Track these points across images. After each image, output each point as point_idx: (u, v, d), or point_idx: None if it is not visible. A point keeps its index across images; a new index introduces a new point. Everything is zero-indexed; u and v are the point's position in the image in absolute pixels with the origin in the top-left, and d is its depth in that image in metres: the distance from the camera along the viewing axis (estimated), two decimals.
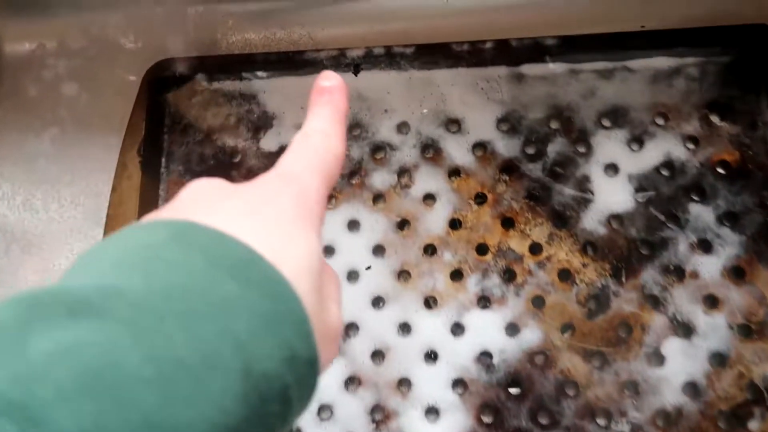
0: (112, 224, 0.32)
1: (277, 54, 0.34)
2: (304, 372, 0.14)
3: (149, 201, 0.34)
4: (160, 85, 0.35)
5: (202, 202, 0.16)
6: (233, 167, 0.34)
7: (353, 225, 0.33)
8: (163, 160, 0.35)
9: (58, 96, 0.36)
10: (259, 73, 0.34)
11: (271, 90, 0.34)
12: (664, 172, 0.32)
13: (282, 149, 0.34)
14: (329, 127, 0.19)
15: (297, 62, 0.34)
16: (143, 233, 0.15)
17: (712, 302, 0.30)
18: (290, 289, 0.14)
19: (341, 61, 0.33)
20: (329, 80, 0.20)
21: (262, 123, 0.34)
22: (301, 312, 0.14)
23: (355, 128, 0.34)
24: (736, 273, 0.30)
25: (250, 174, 0.34)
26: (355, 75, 0.34)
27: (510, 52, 0.33)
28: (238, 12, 0.34)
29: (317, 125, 0.19)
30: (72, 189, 0.35)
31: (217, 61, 0.34)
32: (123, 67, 0.35)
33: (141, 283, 0.13)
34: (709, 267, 0.31)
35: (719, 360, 0.30)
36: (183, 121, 0.35)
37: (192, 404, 0.12)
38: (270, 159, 0.34)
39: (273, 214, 0.16)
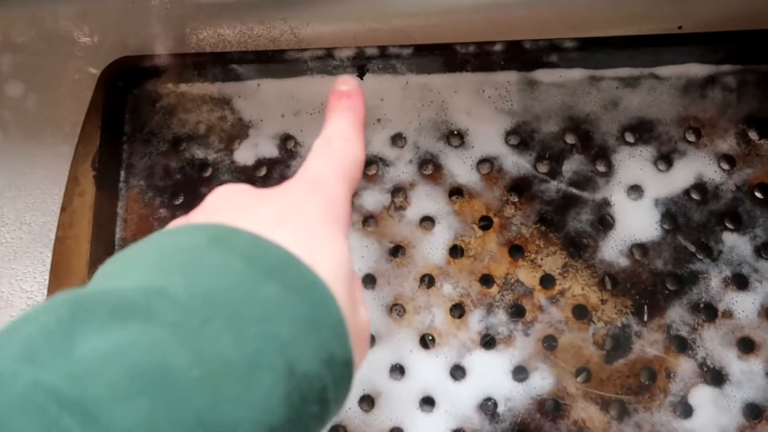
0: (61, 248, 0.30)
1: (254, 53, 0.32)
2: (341, 373, 0.16)
3: (105, 221, 0.31)
4: (118, 86, 0.32)
5: (233, 206, 0.18)
6: (203, 183, 0.32)
7: None
8: (122, 173, 0.32)
9: (1, 97, 0.33)
10: (234, 75, 0.31)
11: (247, 94, 0.32)
12: (695, 196, 0.30)
13: (260, 163, 0.32)
14: (351, 132, 0.20)
15: (277, 63, 0.31)
16: (180, 237, 0.16)
17: (747, 346, 0.29)
18: (328, 292, 0.16)
19: (329, 63, 0.31)
20: (348, 84, 0.21)
21: (236, 132, 0.32)
22: (338, 314, 0.16)
23: None
24: None
25: None
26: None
27: (522, 56, 0.31)
28: (209, 3, 0.32)
29: (339, 131, 0.20)
30: (17, 205, 0.33)
31: (185, 60, 0.32)
32: (76, 66, 0.32)
33: (183, 286, 0.14)
34: (745, 305, 0.29)
35: (755, 412, 0.28)
36: (145, 129, 0.32)
37: (240, 404, 0.13)
38: (245, 174, 0.32)
39: (304, 220, 0.17)
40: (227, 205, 0.18)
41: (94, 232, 0.31)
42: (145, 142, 0.32)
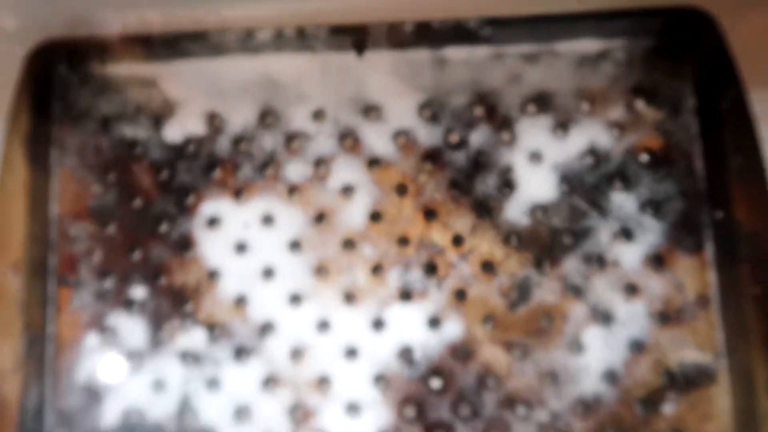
0: None
1: (176, 35, 0.37)
2: None
3: (40, 199, 0.36)
4: (44, 69, 0.37)
5: None
6: (134, 160, 0.37)
7: (267, 220, 0.37)
8: (54, 152, 0.37)
9: None
10: (158, 56, 0.37)
11: (172, 75, 0.37)
12: (589, 161, 0.37)
13: (188, 141, 0.38)
14: None
15: (201, 43, 0.37)
16: None
17: (631, 290, 0.36)
18: None
19: (248, 44, 0.36)
20: None
21: (163, 111, 0.38)
22: None
23: (267, 116, 0.38)
24: (656, 261, 0.36)
25: (152, 167, 0.37)
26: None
27: (432, 35, 0.37)
28: None
29: None
30: None
31: (109, 42, 0.37)
32: (2, 49, 0.37)
33: None
34: (630, 256, 0.36)
35: (637, 347, 0.35)
36: (74, 109, 0.38)
37: None
38: (174, 151, 0.37)
39: None
40: None
41: (29, 210, 0.36)
42: (74, 122, 0.38)
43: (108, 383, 0.36)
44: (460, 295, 0.37)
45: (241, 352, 0.36)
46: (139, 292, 0.37)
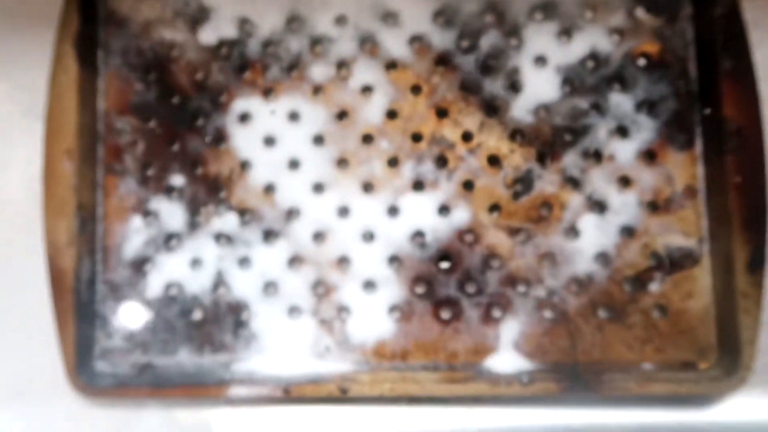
0: (51, 117, 0.39)
1: None
2: None
3: (88, 95, 0.41)
4: None
5: None
6: (172, 61, 0.41)
7: (294, 116, 0.41)
8: (100, 53, 0.41)
9: None
10: None
11: None
12: (590, 64, 0.41)
13: (221, 43, 0.42)
14: None
15: None
16: None
17: (625, 182, 0.40)
18: None
19: None
20: None
21: (199, 16, 0.41)
22: None
23: (293, 21, 0.41)
24: (649, 156, 0.40)
25: (189, 67, 0.41)
26: None
27: None
28: None
29: None
30: (6, 85, 0.42)
31: None
32: None
33: None
34: (625, 151, 0.40)
35: (628, 233, 0.39)
36: (118, 14, 0.41)
37: None
38: (209, 52, 0.41)
39: None
40: None
41: (80, 105, 0.40)
42: (118, 26, 0.42)
43: (151, 260, 0.41)
44: (468, 186, 0.40)
45: (269, 235, 0.41)
46: (178, 180, 0.41)
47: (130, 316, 0.41)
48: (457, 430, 0.40)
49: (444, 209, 0.40)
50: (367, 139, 0.41)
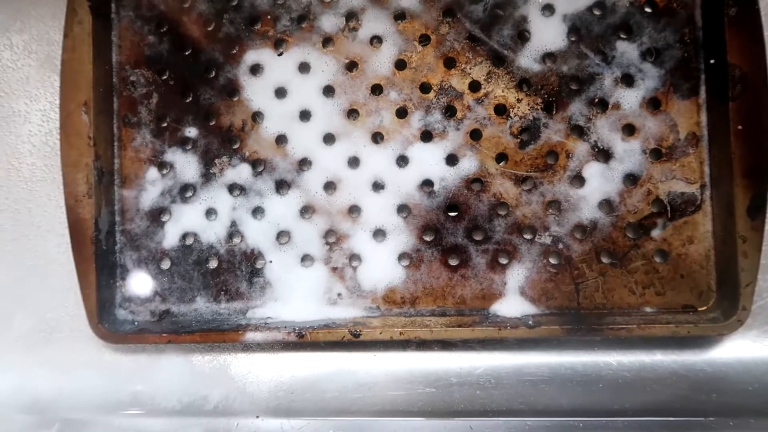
0: (67, 68, 0.41)
1: None
2: None
3: (102, 46, 0.42)
4: None
5: None
6: (184, 13, 0.42)
7: (304, 67, 0.42)
8: (113, 5, 0.42)
9: None
10: None
11: None
12: (597, 12, 0.42)
13: None
14: None
15: None
16: None
17: (629, 130, 0.41)
18: None
19: None
20: None
21: None
22: None
23: None
24: (653, 104, 0.41)
25: (200, 19, 0.42)
26: None
27: None
28: None
29: None
30: (23, 37, 0.43)
31: None
32: None
33: None
34: (630, 99, 0.41)
35: (632, 180, 0.41)
36: None
37: None
38: (219, 4, 0.42)
39: None
40: None
41: (95, 57, 0.41)
42: None
43: (168, 211, 0.43)
44: (476, 135, 0.42)
45: (281, 185, 0.43)
46: (192, 131, 0.43)
47: (149, 265, 0.43)
48: (465, 372, 0.42)
49: (452, 159, 0.42)
50: (377, 89, 0.42)
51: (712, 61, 0.40)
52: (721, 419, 0.39)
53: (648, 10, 0.42)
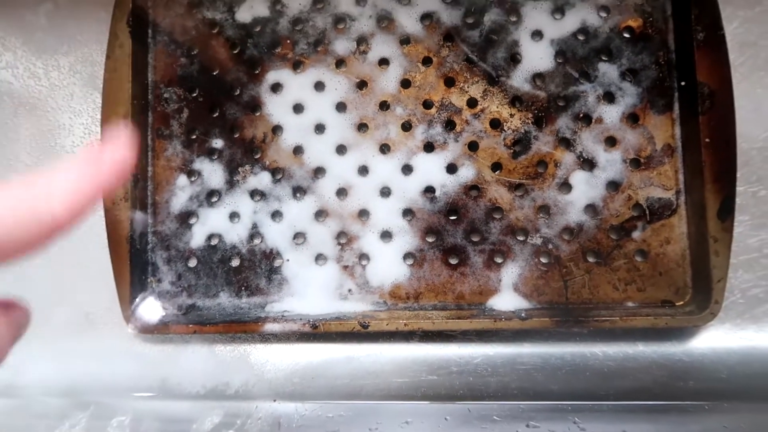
0: (109, 87, 0.47)
1: None
2: None
3: (140, 67, 0.48)
4: None
5: None
6: (212, 37, 0.48)
7: (319, 86, 0.48)
8: (150, 31, 0.48)
9: None
10: None
11: None
12: (580, 37, 0.47)
13: (256, 21, 0.49)
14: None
15: None
16: None
17: (611, 142, 0.46)
18: None
19: None
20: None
21: None
22: None
23: (318, 2, 0.48)
24: (632, 119, 0.46)
25: (227, 43, 0.48)
26: None
27: None
28: None
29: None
30: (69, 58, 0.49)
31: None
32: None
33: None
34: (611, 114, 0.46)
35: (613, 187, 0.46)
36: None
37: None
38: (244, 30, 0.48)
39: None
40: None
41: (133, 75, 0.47)
42: (166, 7, 0.49)
43: (195, 214, 0.48)
44: (473, 146, 0.47)
45: (298, 191, 0.48)
46: (218, 143, 0.48)
47: (177, 263, 0.48)
48: (464, 361, 0.47)
49: (452, 167, 0.47)
50: (384, 105, 0.48)
51: (683, 83, 0.46)
52: (697, 403, 0.44)
53: (626, 35, 0.47)
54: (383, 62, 0.48)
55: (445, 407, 0.45)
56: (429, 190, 0.47)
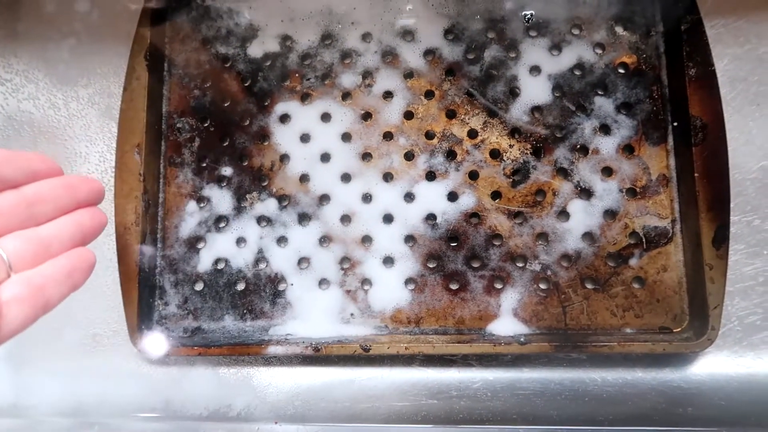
0: (125, 116, 0.50)
1: None
2: None
3: (155, 98, 0.51)
4: (159, 3, 0.52)
5: None
6: (225, 71, 0.52)
7: (326, 117, 0.51)
8: (166, 64, 0.52)
9: (73, 12, 0.53)
10: None
11: (255, 5, 0.52)
12: (577, 72, 0.51)
13: (266, 56, 0.53)
14: None
15: None
16: None
17: (608, 172, 0.49)
18: None
19: None
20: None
21: (248, 34, 0.52)
22: None
23: (326, 38, 0.52)
24: (628, 150, 0.49)
25: (238, 76, 0.52)
26: None
27: None
28: None
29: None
30: (88, 90, 0.53)
31: None
32: None
33: None
34: (607, 145, 0.49)
35: (610, 215, 0.49)
36: (181, 32, 0.53)
37: None
38: (255, 64, 0.52)
39: None
40: None
41: (148, 106, 0.51)
42: (182, 42, 0.53)
43: (203, 239, 0.51)
44: (474, 176, 0.50)
45: (303, 217, 0.51)
46: (227, 170, 0.52)
47: (184, 286, 0.51)
48: (464, 385, 0.49)
49: (453, 195, 0.50)
50: (388, 136, 0.51)
51: (675, 124, 0.49)
52: (695, 429, 0.45)
53: (621, 71, 0.51)
54: (387, 95, 0.52)
55: (446, 431, 0.47)
56: (430, 217, 0.50)
